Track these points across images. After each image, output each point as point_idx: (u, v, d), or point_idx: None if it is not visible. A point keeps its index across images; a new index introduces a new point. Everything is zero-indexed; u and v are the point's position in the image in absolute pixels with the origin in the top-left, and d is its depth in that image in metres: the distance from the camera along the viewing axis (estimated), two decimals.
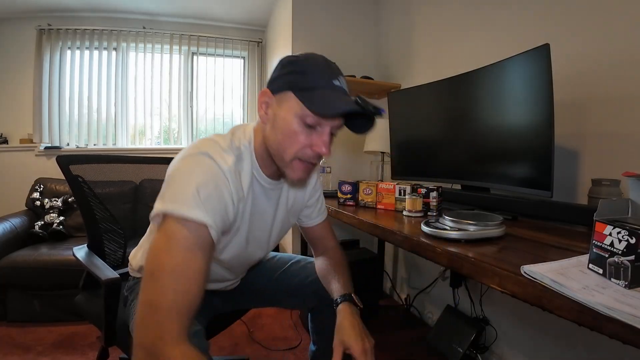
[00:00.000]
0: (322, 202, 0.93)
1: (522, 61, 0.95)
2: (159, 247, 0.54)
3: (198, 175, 0.57)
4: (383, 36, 2.19)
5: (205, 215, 0.55)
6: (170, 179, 0.58)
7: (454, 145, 1.25)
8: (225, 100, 2.80)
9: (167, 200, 0.55)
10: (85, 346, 1.47)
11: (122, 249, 1.09)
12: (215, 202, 0.57)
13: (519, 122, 0.99)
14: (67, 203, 2.10)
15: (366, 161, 2.19)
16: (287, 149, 0.62)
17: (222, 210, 0.59)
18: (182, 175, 0.57)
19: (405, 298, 1.85)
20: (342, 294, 0.76)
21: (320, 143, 0.62)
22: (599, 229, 0.49)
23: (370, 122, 0.67)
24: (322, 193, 0.94)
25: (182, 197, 0.54)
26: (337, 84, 0.61)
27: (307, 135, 0.62)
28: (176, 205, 0.54)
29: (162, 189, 0.59)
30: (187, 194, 0.54)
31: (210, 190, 0.56)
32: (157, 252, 0.53)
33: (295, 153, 0.62)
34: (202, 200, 0.55)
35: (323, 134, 0.62)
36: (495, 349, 1.34)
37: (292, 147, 0.62)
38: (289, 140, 0.62)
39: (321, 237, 0.94)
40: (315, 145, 0.62)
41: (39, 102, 2.39)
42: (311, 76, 0.60)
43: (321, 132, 0.62)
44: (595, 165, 1.01)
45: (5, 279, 1.61)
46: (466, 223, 0.75)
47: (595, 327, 0.41)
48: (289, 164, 0.64)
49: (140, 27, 2.58)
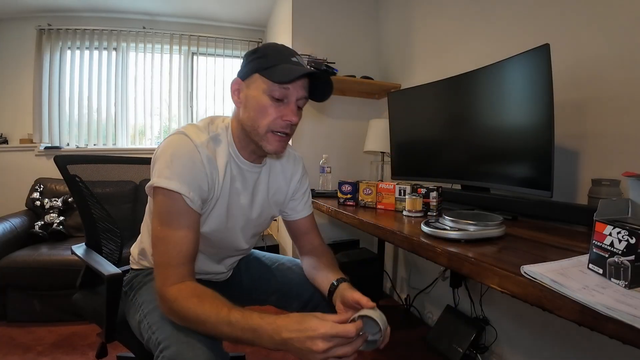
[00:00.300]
0: (308, 196, 0.95)
1: (522, 61, 0.95)
2: (155, 219, 0.67)
3: (173, 151, 0.67)
4: (383, 36, 2.19)
5: (180, 186, 0.65)
6: (155, 157, 0.69)
7: (454, 145, 1.25)
8: (225, 100, 2.80)
9: (153, 176, 0.67)
10: (85, 346, 1.47)
11: (119, 249, 1.09)
12: (188, 172, 0.66)
13: (519, 122, 0.99)
14: (67, 203, 2.10)
15: (366, 161, 2.19)
16: (260, 122, 0.69)
17: (196, 179, 0.67)
18: (161, 153, 0.67)
19: (405, 298, 1.85)
20: (338, 278, 0.75)
21: (289, 112, 0.69)
22: (599, 229, 0.49)
23: (328, 86, 0.73)
24: (309, 188, 0.97)
25: (162, 172, 0.65)
26: (295, 60, 0.70)
27: (276, 107, 0.69)
28: (158, 179, 0.65)
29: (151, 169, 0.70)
30: (164, 168, 0.65)
31: (183, 162, 0.66)
32: (154, 224, 0.67)
33: (268, 125, 0.69)
34: (177, 173, 0.65)
35: (290, 104, 0.69)
36: (495, 349, 1.34)
37: (265, 120, 0.69)
38: (260, 114, 0.69)
39: (306, 233, 0.93)
40: (285, 115, 0.69)
41: (39, 102, 2.39)
42: (271, 57, 0.69)
43: (288, 102, 0.69)
44: (595, 165, 1.01)
45: (5, 279, 1.61)
46: (466, 223, 0.75)
47: (595, 327, 0.41)
48: (263, 137, 0.70)
49: (140, 27, 2.58)
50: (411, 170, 1.49)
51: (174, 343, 0.60)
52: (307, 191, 0.94)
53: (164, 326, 0.65)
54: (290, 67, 0.68)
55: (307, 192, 0.94)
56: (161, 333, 0.64)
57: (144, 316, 0.72)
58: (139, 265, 0.88)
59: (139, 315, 0.74)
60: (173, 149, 0.67)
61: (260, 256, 1.04)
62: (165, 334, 0.63)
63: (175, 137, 0.69)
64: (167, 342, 0.61)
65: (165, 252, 0.65)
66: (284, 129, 0.71)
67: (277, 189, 0.88)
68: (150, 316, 0.70)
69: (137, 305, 0.77)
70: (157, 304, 0.69)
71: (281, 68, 0.67)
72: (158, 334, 0.64)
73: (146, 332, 0.68)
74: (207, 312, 0.58)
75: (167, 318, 0.65)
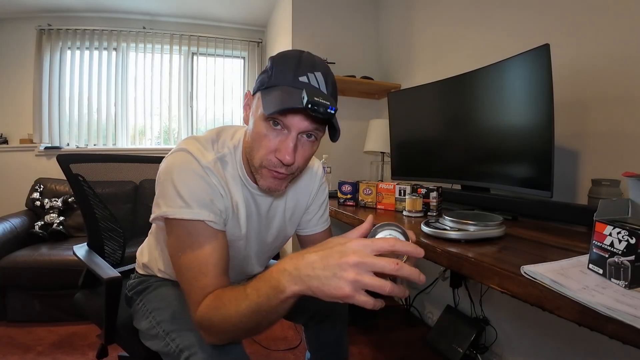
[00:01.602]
0: (325, 210, 0.86)
1: (522, 61, 0.95)
2: (172, 250, 0.59)
3: (179, 173, 0.59)
4: (383, 36, 2.19)
5: (200, 211, 0.58)
6: (159, 180, 0.61)
7: (454, 145, 1.25)
8: (225, 100, 2.80)
9: (161, 205, 0.59)
10: (85, 346, 1.47)
11: (121, 248, 1.09)
12: (202, 193, 0.59)
13: (519, 122, 0.99)
14: (67, 203, 2.10)
15: (366, 161, 2.19)
16: (255, 154, 0.60)
17: (212, 199, 0.60)
18: (165, 176, 0.60)
19: (406, 298, 1.85)
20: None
21: (283, 149, 0.56)
22: (599, 229, 0.49)
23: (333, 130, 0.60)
24: (327, 200, 0.87)
25: (173, 201, 0.58)
26: (304, 80, 0.55)
27: (272, 139, 0.57)
28: (170, 209, 0.57)
29: (156, 191, 0.62)
30: (175, 197, 0.57)
31: (194, 184, 0.59)
32: (176, 257, 0.59)
33: (261, 159, 0.59)
34: (190, 197, 0.58)
35: (287, 139, 0.56)
36: (495, 349, 1.34)
37: (259, 152, 0.59)
38: (256, 144, 0.59)
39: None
40: (278, 151, 0.57)
41: (39, 102, 2.39)
42: (275, 75, 0.57)
43: (287, 136, 0.57)
44: (595, 165, 1.01)
45: (5, 279, 1.61)
46: (466, 223, 0.75)
47: (595, 327, 0.41)
48: (258, 170, 0.61)
49: (140, 27, 2.57)
50: (411, 170, 1.49)
51: (199, 350, 0.58)
52: (323, 204, 0.85)
53: (185, 333, 0.63)
54: (288, 91, 0.54)
55: (323, 206, 0.85)
56: (183, 340, 0.62)
57: (156, 323, 0.70)
58: (145, 272, 0.87)
59: (149, 321, 0.72)
60: (178, 171, 0.59)
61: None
62: (188, 340, 0.61)
63: (178, 157, 0.60)
64: (192, 349, 0.59)
65: (188, 281, 0.56)
66: (275, 167, 0.59)
67: (295, 208, 0.79)
68: (166, 324, 0.68)
69: (145, 311, 0.75)
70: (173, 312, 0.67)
71: (278, 93, 0.54)
72: (179, 341, 0.62)
73: (162, 339, 0.66)
74: (227, 304, 0.50)
75: (186, 324, 0.64)
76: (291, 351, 1.48)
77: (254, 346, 1.50)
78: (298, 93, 0.53)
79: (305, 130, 0.57)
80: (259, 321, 0.49)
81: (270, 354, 1.45)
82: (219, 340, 0.56)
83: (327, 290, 0.41)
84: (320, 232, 0.84)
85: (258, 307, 0.47)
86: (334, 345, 0.94)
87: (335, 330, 0.93)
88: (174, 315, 0.69)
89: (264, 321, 0.49)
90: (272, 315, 0.48)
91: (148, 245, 0.86)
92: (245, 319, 0.48)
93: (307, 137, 0.59)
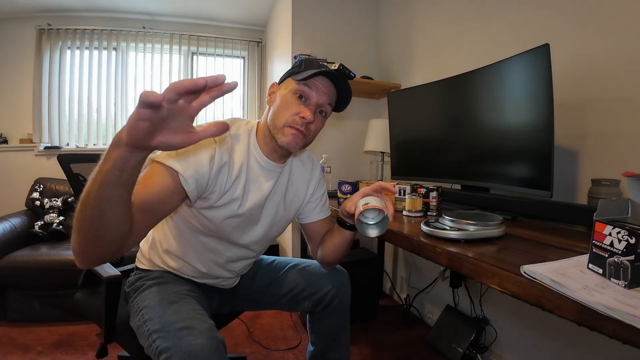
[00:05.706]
0: (325, 200, 0.97)
1: (522, 61, 0.95)
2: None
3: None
4: (383, 36, 2.18)
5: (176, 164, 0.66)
6: None
7: (454, 145, 1.25)
8: (225, 100, 2.80)
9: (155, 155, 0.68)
10: (85, 346, 1.47)
11: None
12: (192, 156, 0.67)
13: (519, 122, 0.99)
14: (67, 203, 2.10)
15: (366, 161, 2.19)
16: (281, 116, 0.76)
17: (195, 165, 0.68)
18: None
19: (405, 298, 1.85)
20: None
21: (306, 110, 0.75)
22: (599, 229, 0.49)
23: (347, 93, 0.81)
24: (327, 192, 0.99)
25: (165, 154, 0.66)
26: (324, 68, 0.77)
27: (297, 105, 0.76)
28: (158, 155, 0.67)
29: None
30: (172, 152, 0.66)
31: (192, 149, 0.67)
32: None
33: (286, 119, 0.75)
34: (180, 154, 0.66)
35: (310, 105, 0.76)
36: (495, 349, 1.35)
37: (285, 115, 0.75)
38: (283, 109, 0.76)
39: (322, 232, 0.94)
40: (302, 112, 0.75)
41: (39, 102, 2.39)
42: (305, 65, 0.78)
43: (308, 103, 0.77)
44: (595, 165, 1.01)
45: (5, 279, 1.61)
46: (466, 223, 0.75)
47: (595, 327, 0.41)
48: (280, 129, 0.76)
49: (140, 27, 2.57)
50: (411, 170, 1.49)
51: (176, 353, 0.60)
52: (324, 195, 0.97)
53: (166, 335, 0.64)
54: (314, 70, 0.75)
55: (324, 196, 0.97)
56: (163, 342, 0.64)
57: (143, 322, 0.71)
58: (145, 265, 0.88)
59: (138, 319, 0.73)
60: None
61: (270, 262, 1.04)
62: (167, 343, 0.63)
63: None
64: (169, 353, 0.61)
65: (138, 197, 0.58)
66: (297, 125, 0.75)
67: (296, 192, 0.90)
68: (151, 323, 0.69)
69: (137, 308, 0.76)
70: (160, 312, 0.69)
71: (307, 72, 0.75)
72: (159, 342, 0.64)
73: (146, 338, 0.68)
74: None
75: (169, 326, 0.65)
76: (291, 351, 1.48)
77: (253, 346, 1.50)
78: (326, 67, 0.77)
79: (323, 102, 0.77)
80: (100, 205, 0.47)
81: (270, 354, 1.45)
82: (83, 255, 0.54)
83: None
84: (322, 220, 0.95)
85: (96, 180, 0.46)
86: (338, 332, 0.97)
87: (340, 315, 0.96)
88: (160, 315, 0.69)
89: (106, 205, 0.48)
90: (113, 188, 0.47)
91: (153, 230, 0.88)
92: (84, 203, 0.48)
93: (319, 113, 0.78)
